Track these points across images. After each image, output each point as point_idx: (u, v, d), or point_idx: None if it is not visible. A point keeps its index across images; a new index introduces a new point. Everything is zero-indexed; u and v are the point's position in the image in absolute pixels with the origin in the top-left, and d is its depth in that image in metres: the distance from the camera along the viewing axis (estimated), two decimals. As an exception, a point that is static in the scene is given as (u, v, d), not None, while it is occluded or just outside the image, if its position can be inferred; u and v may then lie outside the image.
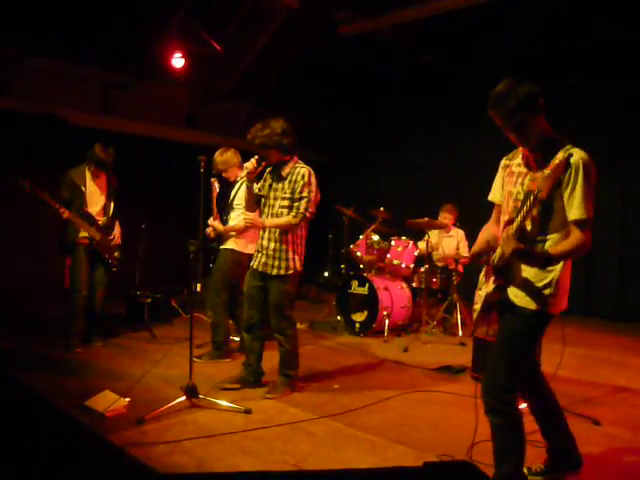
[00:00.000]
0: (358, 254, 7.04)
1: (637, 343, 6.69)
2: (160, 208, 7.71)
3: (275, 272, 4.24)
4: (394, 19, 7.90)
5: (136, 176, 7.65)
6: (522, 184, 2.70)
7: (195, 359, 5.10)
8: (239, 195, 5.20)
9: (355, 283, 6.72)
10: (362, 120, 10.74)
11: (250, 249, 4.94)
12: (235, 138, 7.30)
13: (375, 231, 7.06)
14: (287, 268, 4.25)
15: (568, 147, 2.58)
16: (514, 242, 2.52)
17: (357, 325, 6.59)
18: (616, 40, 7.26)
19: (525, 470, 3.03)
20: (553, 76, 7.35)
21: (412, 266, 6.85)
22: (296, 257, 4.31)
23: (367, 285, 6.56)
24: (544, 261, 2.57)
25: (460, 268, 6.87)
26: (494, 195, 2.99)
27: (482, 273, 2.95)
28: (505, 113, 2.57)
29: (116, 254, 5.62)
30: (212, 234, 5.33)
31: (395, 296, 6.58)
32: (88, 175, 5.42)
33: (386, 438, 3.57)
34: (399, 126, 10.22)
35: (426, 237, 6.68)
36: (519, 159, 2.80)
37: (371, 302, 6.46)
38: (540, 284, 2.65)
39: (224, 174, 5.30)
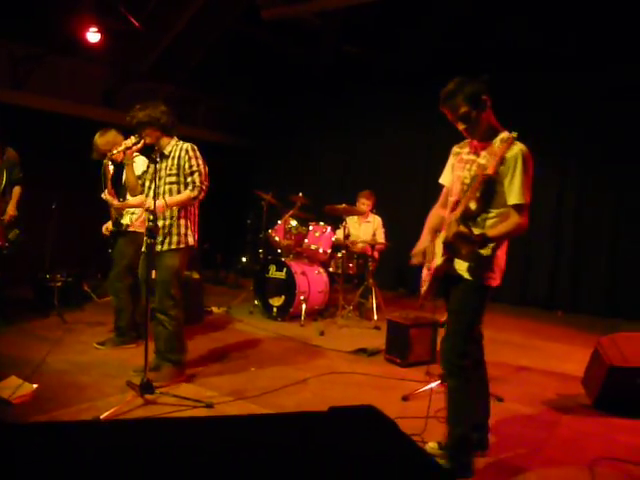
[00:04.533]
0: (276, 239, 7.06)
1: (538, 327, 7.13)
2: (72, 188, 7.39)
3: (165, 247, 4.12)
4: (317, 6, 7.92)
5: (47, 154, 7.31)
6: (469, 170, 3.00)
7: (97, 346, 4.97)
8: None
9: (273, 268, 6.75)
10: (284, 106, 10.73)
11: None
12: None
13: (293, 216, 7.09)
14: (178, 242, 4.14)
15: (503, 134, 2.91)
16: (456, 226, 2.81)
17: (274, 309, 6.63)
18: (526, 36, 7.64)
19: (435, 445, 3.19)
20: (469, 69, 7.62)
21: (329, 251, 6.94)
22: (189, 232, 4.21)
23: (285, 270, 6.60)
24: (482, 242, 2.86)
25: (376, 254, 7.03)
26: (444, 178, 3.30)
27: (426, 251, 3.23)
28: (453, 108, 2.90)
29: (11, 235, 5.25)
30: (106, 231, 5.11)
31: (312, 281, 6.66)
32: None
33: (301, 418, 3.63)
34: (321, 113, 10.29)
35: (344, 223, 6.79)
36: (468, 148, 3.10)
37: (288, 287, 6.50)
38: (482, 259, 2.95)
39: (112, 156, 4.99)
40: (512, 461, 3.22)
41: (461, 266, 2.99)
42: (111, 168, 4.99)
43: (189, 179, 4.14)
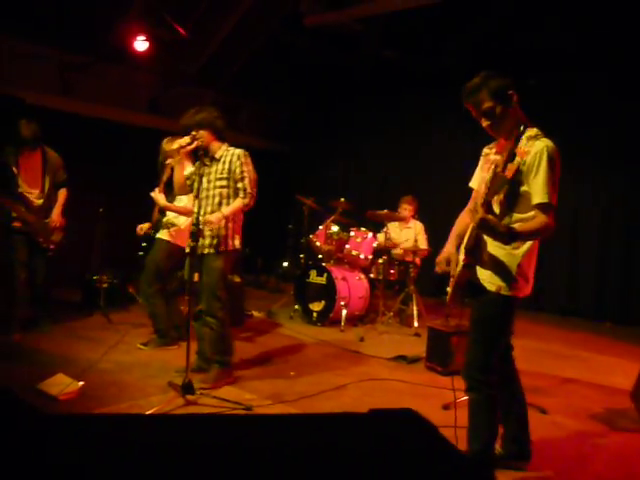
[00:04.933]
0: (317, 244, 7.07)
1: (585, 338, 6.93)
2: (119, 192, 7.58)
3: (211, 250, 4.17)
4: (359, 13, 7.93)
5: (95, 159, 7.50)
6: (493, 170, 2.83)
7: (140, 346, 5.06)
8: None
9: (314, 273, 6.75)
10: (324, 111, 10.77)
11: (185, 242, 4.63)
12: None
13: (335, 222, 7.10)
14: (226, 245, 4.19)
15: (530, 131, 2.70)
16: (482, 212, 2.59)
17: (314, 314, 6.63)
18: (571, 39, 7.47)
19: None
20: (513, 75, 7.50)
21: (370, 257, 6.92)
22: (235, 235, 4.27)
23: (325, 275, 6.60)
24: (509, 236, 2.61)
25: (417, 260, 6.96)
26: (473, 182, 3.12)
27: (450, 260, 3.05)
28: (477, 103, 2.74)
29: (54, 237, 5.37)
30: (141, 231, 5.24)
31: (353, 286, 6.64)
32: (22, 155, 5.19)
33: (340, 424, 3.61)
34: (361, 118, 10.30)
35: (385, 229, 6.76)
36: (496, 148, 2.95)
37: (329, 292, 6.49)
38: (505, 267, 2.77)
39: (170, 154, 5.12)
40: (556, 476, 3.12)
41: (483, 275, 2.82)
42: (169, 170, 5.07)
43: (239, 185, 4.19)
